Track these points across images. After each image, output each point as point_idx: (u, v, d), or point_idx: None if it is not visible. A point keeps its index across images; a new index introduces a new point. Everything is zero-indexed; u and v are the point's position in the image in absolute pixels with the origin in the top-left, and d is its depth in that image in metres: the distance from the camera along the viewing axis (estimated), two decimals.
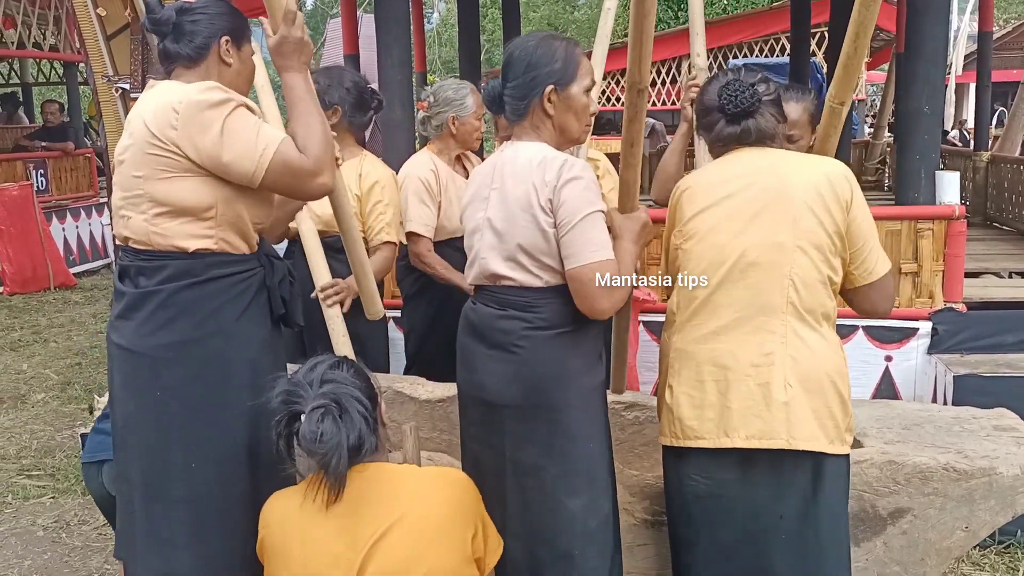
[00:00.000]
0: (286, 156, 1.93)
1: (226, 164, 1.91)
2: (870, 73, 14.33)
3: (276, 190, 2.02)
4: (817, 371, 1.99)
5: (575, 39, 2.46)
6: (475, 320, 2.12)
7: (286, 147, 1.94)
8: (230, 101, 1.93)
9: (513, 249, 2.02)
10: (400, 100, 4.21)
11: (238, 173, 1.93)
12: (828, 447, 1.98)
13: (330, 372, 1.80)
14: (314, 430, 1.71)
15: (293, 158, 1.94)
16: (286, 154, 1.93)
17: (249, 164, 1.91)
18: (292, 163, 1.94)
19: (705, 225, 2.07)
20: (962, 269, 3.87)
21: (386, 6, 4.14)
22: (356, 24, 6.66)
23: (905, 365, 3.87)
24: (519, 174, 2.02)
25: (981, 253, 5.32)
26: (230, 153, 1.90)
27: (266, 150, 1.91)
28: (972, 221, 6.55)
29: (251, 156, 1.91)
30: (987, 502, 2.39)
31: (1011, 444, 2.51)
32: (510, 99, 2.08)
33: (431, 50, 23.86)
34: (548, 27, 24.32)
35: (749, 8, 16.01)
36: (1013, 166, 6.34)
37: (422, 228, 3.25)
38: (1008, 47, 20.50)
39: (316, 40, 17.08)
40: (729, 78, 2.11)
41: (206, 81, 1.99)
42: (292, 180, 1.96)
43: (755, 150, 2.10)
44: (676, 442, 2.09)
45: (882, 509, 2.42)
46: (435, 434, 2.81)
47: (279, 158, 1.92)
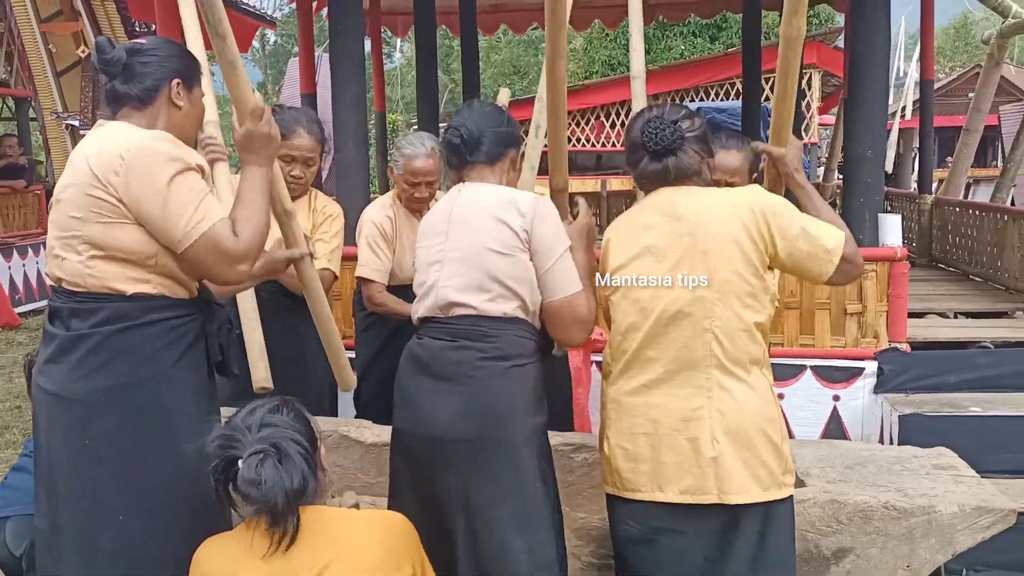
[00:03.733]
0: (218, 235, 1.90)
1: (155, 221, 1.87)
2: (822, 117, 14.69)
3: (194, 263, 1.96)
4: (745, 423, 1.99)
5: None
6: (422, 355, 2.12)
7: (222, 227, 1.91)
8: (183, 160, 1.90)
9: (476, 277, 2.05)
10: (355, 139, 4.23)
11: (165, 235, 1.89)
12: (763, 495, 1.98)
13: (269, 416, 1.77)
14: (254, 476, 1.67)
15: (224, 239, 1.91)
16: (218, 233, 1.90)
17: (177, 231, 1.87)
18: (221, 244, 1.90)
19: (628, 277, 2.07)
20: (905, 309, 3.95)
21: (341, 45, 4.18)
22: (314, 63, 6.69)
23: (852, 404, 3.93)
24: (486, 207, 2.09)
25: (926, 293, 5.45)
26: (164, 212, 1.86)
27: (201, 223, 1.88)
28: (918, 262, 6.74)
29: (183, 223, 1.87)
30: (927, 540, 2.41)
31: (950, 482, 2.54)
32: (492, 143, 2.19)
33: (394, 89, 24.02)
34: (511, 68, 24.67)
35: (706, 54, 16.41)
36: (956, 209, 6.53)
37: (372, 273, 3.25)
38: (954, 94, 21.18)
39: (280, 79, 17.10)
40: (652, 114, 2.11)
41: (159, 131, 1.96)
42: (215, 260, 1.92)
43: (677, 190, 2.09)
44: (615, 491, 2.11)
45: (825, 549, 2.43)
46: (381, 479, 2.77)
47: (210, 236, 1.89)
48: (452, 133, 2.21)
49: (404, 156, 3.21)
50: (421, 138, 3.26)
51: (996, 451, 3.54)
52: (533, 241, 2.06)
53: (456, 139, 2.20)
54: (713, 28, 18.02)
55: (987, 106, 7.70)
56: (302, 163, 3.04)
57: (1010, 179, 7.59)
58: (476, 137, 2.18)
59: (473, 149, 2.18)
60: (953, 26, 33.48)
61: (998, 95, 9.73)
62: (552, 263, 2.07)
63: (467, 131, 2.18)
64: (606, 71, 18.55)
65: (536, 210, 2.07)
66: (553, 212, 2.12)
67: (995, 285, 5.66)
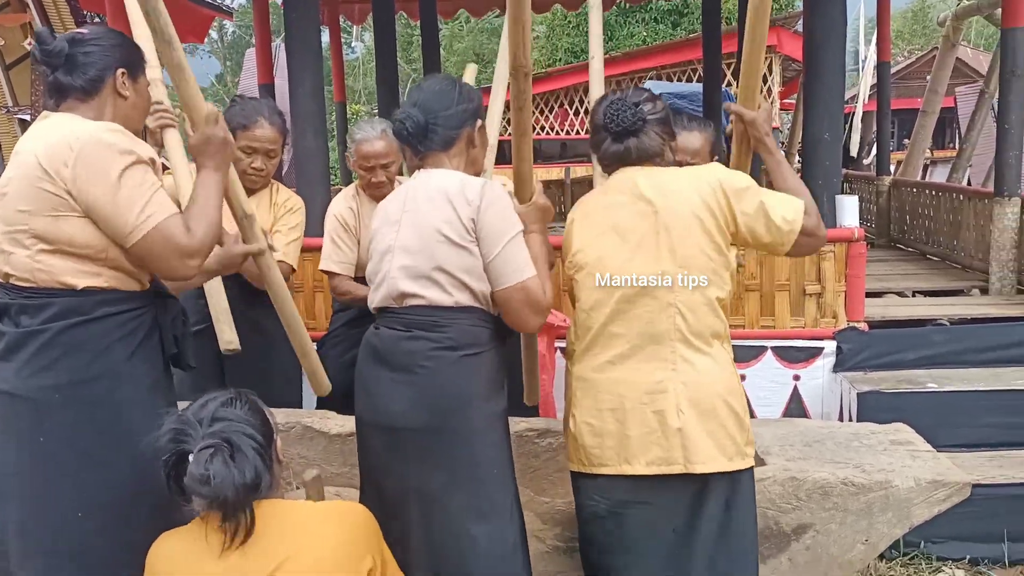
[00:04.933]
0: (169, 230, 1.88)
1: (105, 214, 1.84)
2: (784, 101, 14.82)
3: (143, 257, 1.93)
4: (708, 393, 2.03)
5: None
6: (378, 344, 2.11)
7: (173, 221, 1.89)
8: (134, 153, 1.87)
9: (428, 268, 2.03)
10: (313, 129, 4.19)
11: (114, 228, 1.86)
12: (728, 464, 2.03)
13: (222, 409, 1.74)
14: (203, 472, 1.64)
15: (175, 234, 1.88)
16: (170, 228, 1.88)
17: (127, 225, 1.85)
18: (172, 239, 1.88)
19: (593, 256, 2.10)
20: (863, 289, 4.01)
21: (297, 35, 4.13)
22: (270, 52, 6.60)
23: (812, 384, 3.98)
24: (436, 196, 2.05)
25: (884, 273, 5.53)
26: (115, 205, 1.83)
27: (151, 217, 1.86)
28: (876, 243, 6.84)
29: (133, 217, 1.85)
30: (884, 515, 2.46)
31: (906, 457, 2.59)
32: (442, 128, 2.11)
33: (355, 80, 23.81)
34: (473, 57, 24.54)
35: (668, 40, 16.47)
36: (913, 190, 6.63)
37: (335, 266, 3.23)
38: (912, 77, 21.50)
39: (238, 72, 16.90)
40: (615, 97, 2.14)
41: (109, 123, 1.93)
42: (165, 254, 1.90)
43: (639, 169, 2.13)
44: (581, 468, 2.13)
45: (786, 525, 2.47)
46: (345, 469, 2.76)
47: (161, 230, 1.87)
48: (399, 125, 2.14)
49: (355, 141, 3.20)
50: (372, 122, 3.25)
51: (952, 426, 3.61)
52: (481, 229, 2.03)
53: (404, 131, 2.13)
54: (675, 14, 18.07)
55: (943, 88, 7.80)
56: (263, 154, 3.00)
57: (966, 160, 7.71)
58: (424, 126, 2.11)
59: (423, 139, 2.13)
60: (911, 9, 33.91)
61: (954, 77, 9.86)
62: (500, 249, 2.03)
63: (414, 121, 2.10)
64: (569, 58, 18.54)
65: (484, 196, 2.04)
66: (502, 197, 2.07)
67: (951, 264, 5.76)
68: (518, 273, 2.04)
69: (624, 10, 18.18)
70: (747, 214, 2.05)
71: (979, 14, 7.45)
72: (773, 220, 2.05)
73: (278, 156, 3.06)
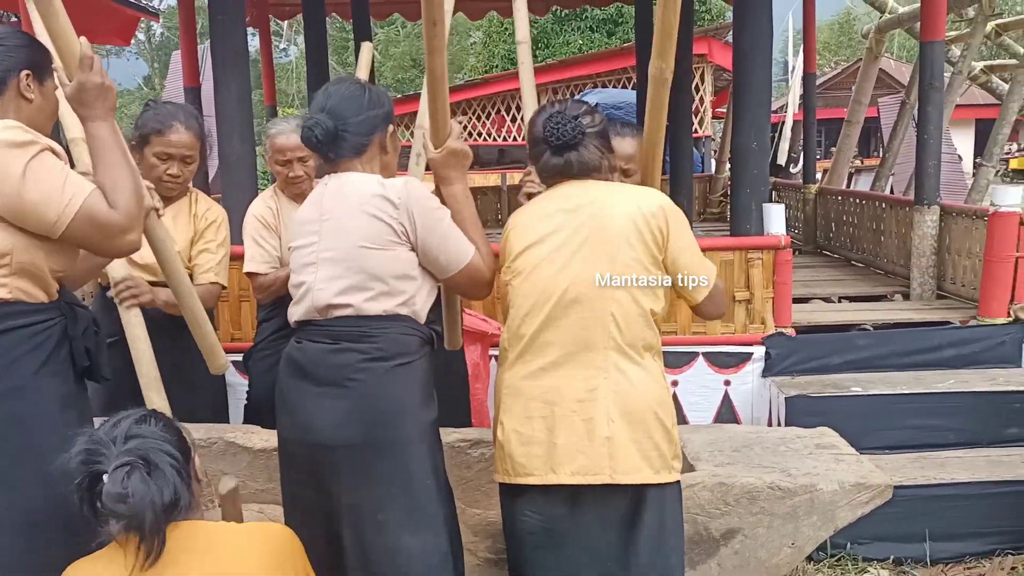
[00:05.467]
0: (93, 209, 1.80)
1: (24, 211, 1.76)
2: (716, 110, 15.11)
3: (78, 244, 1.88)
4: (639, 404, 2.02)
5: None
6: (301, 359, 2.05)
7: (94, 199, 1.81)
8: (35, 143, 1.79)
9: (354, 277, 1.98)
10: (240, 134, 4.10)
11: (37, 222, 1.78)
12: (653, 477, 2.01)
13: (136, 427, 1.68)
14: (120, 491, 1.58)
15: (101, 212, 1.81)
16: (93, 207, 1.80)
17: (51, 213, 1.77)
18: (99, 217, 1.80)
19: (530, 262, 2.09)
20: (790, 295, 4.10)
21: (223, 37, 4.04)
22: (197, 55, 6.45)
23: (743, 388, 4.05)
24: (356, 202, 2.00)
25: (811, 279, 5.66)
26: (30, 199, 1.75)
27: (72, 200, 1.78)
28: (803, 250, 7.00)
29: (54, 205, 1.77)
30: (810, 518, 2.50)
31: (831, 461, 2.64)
32: (353, 135, 2.05)
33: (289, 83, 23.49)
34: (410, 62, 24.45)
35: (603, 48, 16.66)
36: (838, 198, 6.80)
37: (259, 266, 3.14)
38: (839, 87, 22.10)
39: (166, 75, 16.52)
40: (554, 110, 2.13)
41: (4, 119, 1.84)
42: (98, 235, 1.83)
43: (579, 183, 2.13)
44: (508, 479, 2.09)
45: (714, 531, 2.49)
46: (271, 485, 2.69)
47: (85, 210, 1.79)
48: (307, 132, 2.04)
49: (269, 136, 3.13)
50: (287, 119, 3.19)
51: (876, 428, 3.71)
52: (415, 228, 2.00)
53: (313, 139, 2.04)
54: (610, 23, 18.29)
55: (867, 98, 8.03)
56: (180, 160, 2.91)
57: (888, 168, 7.95)
58: (334, 132, 2.03)
59: (333, 146, 2.06)
60: (837, 21, 34.92)
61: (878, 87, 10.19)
62: (438, 242, 2.03)
63: (323, 128, 2.02)
64: (506, 65, 18.60)
65: (409, 197, 2.00)
66: (425, 191, 2.04)
67: (874, 270, 5.92)
68: (459, 258, 2.07)
69: (560, 18, 18.32)
70: (676, 249, 2.07)
71: (900, 27, 7.70)
72: (692, 268, 2.09)
73: (195, 162, 2.96)
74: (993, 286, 4.17)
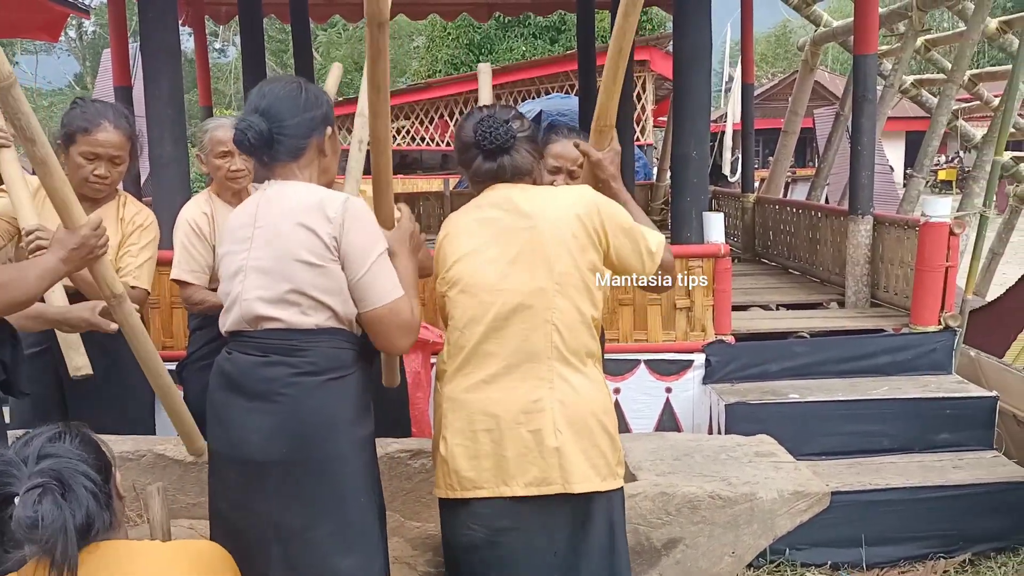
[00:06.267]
0: None
1: None
2: (657, 119, 15.29)
3: None
4: (584, 412, 2.01)
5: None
6: (231, 371, 1.96)
7: None
8: None
9: (284, 289, 1.89)
10: (171, 136, 3.97)
11: None
12: (601, 484, 2.01)
13: (49, 445, 1.58)
14: (30, 514, 1.48)
15: None
16: None
17: None
18: None
19: (466, 272, 2.05)
20: (729, 303, 4.13)
21: (152, 36, 3.91)
22: (127, 53, 6.24)
23: (684, 396, 4.06)
24: (292, 212, 1.91)
25: (750, 287, 5.72)
26: None
27: None
28: (742, 257, 7.09)
29: None
30: (750, 526, 2.50)
31: (770, 469, 2.65)
32: (289, 138, 1.96)
33: (228, 84, 23.04)
34: (352, 65, 24.20)
35: (546, 55, 16.74)
36: (775, 207, 6.91)
37: (187, 275, 3.04)
38: (776, 98, 22.60)
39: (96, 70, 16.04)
40: (484, 114, 2.11)
41: None
42: None
43: (511, 187, 2.10)
44: (452, 493, 2.04)
45: (656, 540, 2.47)
46: (203, 499, 2.56)
47: None
48: (240, 135, 1.94)
49: (207, 130, 3.07)
50: (224, 117, 3.15)
51: (813, 435, 3.76)
52: (343, 248, 1.89)
53: (246, 142, 1.94)
54: (553, 30, 18.41)
55: (803, 109, 8.18)
56: (108, 161, 2.80)
57: (823, 178, 8.10)
58: (268, 136, 1.94)
59: (267, 150, 1.96)
60: (774, 33, 35.73)
61: (813, 99, 10.40)
62: (366, 270, 1.90)
63: (256, 131, 1.91)
64: (449, 70, 18.56)
65: (346, 213, 1.89)
66: (365, 214, 1.94)
67: (811, 278, 6.02)
68: (385, 294, 1.92)
69: (503, 24, 18.36)
70: (617, 236, 2.06)
71: (835, 40, 7.86)
72: (639, 246, 2.09)
73: (124, 163, 2.85)
74: (924, 295, 4.26)
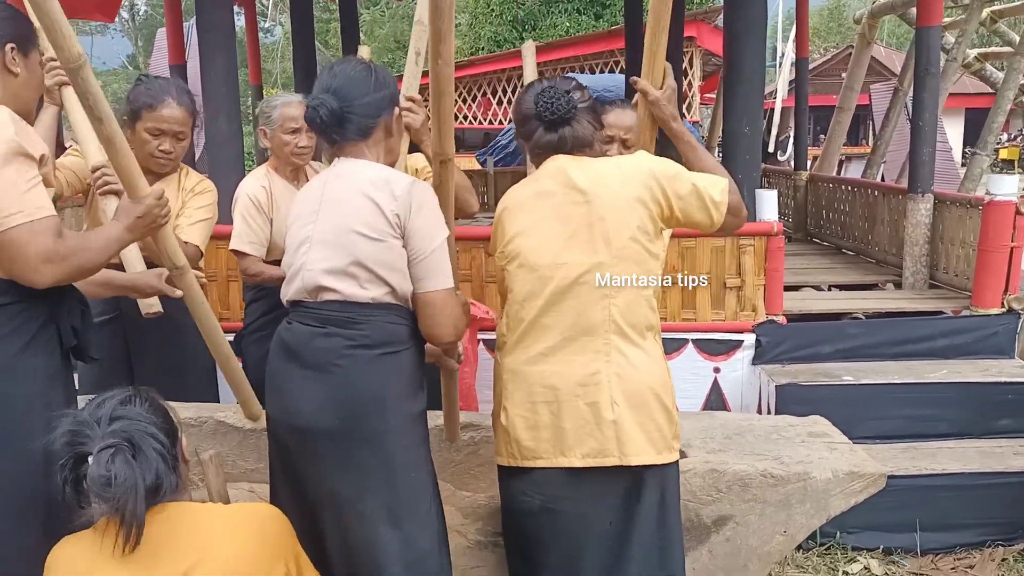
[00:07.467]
0: (37, 234, 1.73)
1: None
2: (704, 96, 15.05)
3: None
4: (640, 386, 2.02)
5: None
6: (290, 340, 2.00)
7: (42, 227, 1.74)
8: (15, 143, 1.73)
9: (344, 262, 1.93)
10: (226, 113, 4.03)
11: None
12: (657, 458, 2.03)
13: (120, 408, 1.64)
14: (104, 473, 1.55)
15: (39, 240, 1.74)
16: (38, 233, 1.73)
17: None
18: (37, 244, 1.73)
19: (525, 247, 2.06)
20: (781, 283, 4.07)
21: (208, 15, 3.96)
22: (182, 32, 6.34)
23: (732, 376, 4.03)
24: (358, 188, 1.95)
25: (801, 267, 5.64)
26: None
27: (14, 216, 1.72)
28: (794, 237, 6.98)
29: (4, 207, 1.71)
30: (803, 506, 2.48)
31: (824, 449, 2.62)
32: (359, 117, 1.99)
33: (274, 63, 23.25)
34: (395, 44, 24.25)
35: (590, 31, 16.55)
36: (829, 185, 6.79)
37: (245, 246, 3.09)
38: (828, 73, 22.12)
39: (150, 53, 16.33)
40: (544, 85, 2.10)
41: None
42: (21, 258, 1.74)
43: (570, 159, 2.09)
44: (513, 462, 2.09)
45: (706, 517, 2.47)
46: (261, 465, 2.65)
47: (36, 233, 1.73)
48: (312, 112, 1.98)
49: (275, 106, 3.10)
50: (288, 94, 3.17)
51: (867, 418, 3.70)
52: (408, 227, 1.93)
53: (317, 119, 1.98)
54: (597, 5, 18.17)
55: (859, 85, 7.99)
56: (172, 136, 2.85)
57: (880, 156, 7.93)
58: (339, 114, 1.96)
59: (338, 128, 1.99)
60: (827, 7, 34.89)
61: (869, 75, 10.15)
62: (428, 253, 1.95)
63: (328, 109, 1.95)
64: (492, 47, 18.47)
65: (412, 195, 1.93)
66: (431, 198, 1.98)
67: (866, 259, 5.92)
68: (439, 279, 1.97)
69: (547, 0, 18.19)
70: (681, 198, 2.04)
71: (894, 12, 7.65)
72: (704, 201, 2.05)
73: (187, 139, 2.91)
74: (987, 276, 4.16)
